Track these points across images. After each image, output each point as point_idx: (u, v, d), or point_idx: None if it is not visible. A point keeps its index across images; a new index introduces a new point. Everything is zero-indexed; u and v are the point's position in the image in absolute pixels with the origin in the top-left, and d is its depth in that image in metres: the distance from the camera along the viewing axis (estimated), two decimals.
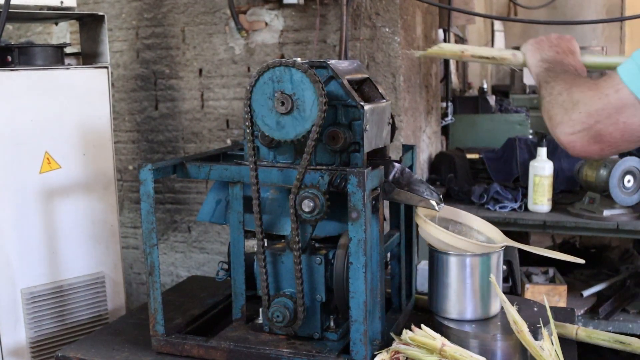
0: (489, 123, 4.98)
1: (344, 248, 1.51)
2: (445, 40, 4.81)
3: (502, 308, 1.63)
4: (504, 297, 1.52)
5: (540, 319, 1.52)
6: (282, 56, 3.19)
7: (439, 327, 1.57)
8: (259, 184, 1.51)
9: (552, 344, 1.46)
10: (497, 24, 7.58)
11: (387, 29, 3.01)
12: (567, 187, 3.54)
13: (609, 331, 2.08)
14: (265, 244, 1.57)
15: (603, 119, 1.09)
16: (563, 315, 1.82)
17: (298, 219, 1.46)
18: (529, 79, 6.16)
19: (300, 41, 3.13)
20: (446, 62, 4.81)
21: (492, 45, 7.12)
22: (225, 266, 1.76)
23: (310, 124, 1.41)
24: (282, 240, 1.62)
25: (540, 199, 3.20)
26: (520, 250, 1.76)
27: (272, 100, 1.43)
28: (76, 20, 2.55)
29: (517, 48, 1.48)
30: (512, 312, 1.48)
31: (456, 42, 5.77)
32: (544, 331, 1.48)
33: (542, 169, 3.16)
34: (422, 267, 2.22)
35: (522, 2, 6.01)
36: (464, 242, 1.56)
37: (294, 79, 1.41)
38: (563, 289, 3.18)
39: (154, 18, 3.38)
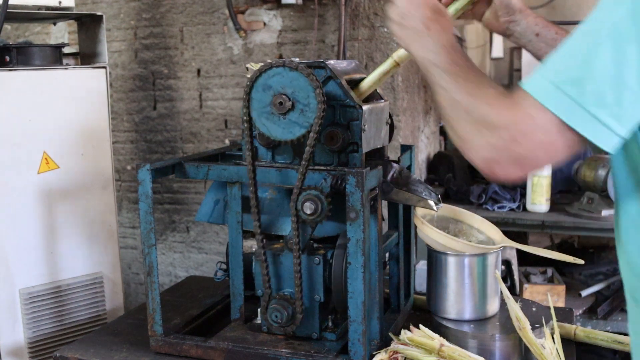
0: None
1: (343, 248, 1.51)
2: None
3: (500, 308, 1.63)
4: (507, 293, 1.52)
5: (543, 318, 1.53)
6: (281, 56, 3.19)
7: (438, 327, 1.57)
8: (257, 184, 1.51)
9: (554, 342, 1.45)
10: None
11: (385, 29, 3.01)
12: (566, 187, 3.54)
13: (608, 331, 2.08)
14: (265, 245, 1.57)
15: (527, 142, 0.98)
16: (561, 315, 1.82)
17: (299, 220, 1.46)
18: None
19: (298, 41, 3.13)
20: None
21: (490, 45, 7.13)
22: (224, 266, 1.76)
23: (309, 125, 1.41)
24: (281, 241, 1.61)
25: (539, 199, 3.20)
26: (519, 250, 1.76)
27: (271, 101, 1.43)
28: (74, 20, 2.55)
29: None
30: (515, 308, 1.48)
31: None
32: (546, 329, 1.48)
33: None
34: (421, 267, 2.22)
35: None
36: (462, 244, 1.56)
37: (292, 80, 1.41)
38: (561, 288, 3.18)
39: (153, 18, 3.37)
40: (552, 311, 1.52)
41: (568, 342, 1.66)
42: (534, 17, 1.49)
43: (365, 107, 1.50)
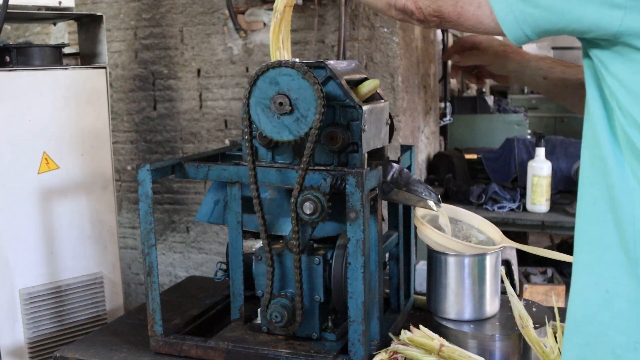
0: (488, 123, 4.99)
1: (343, 248, 1.51)
2: (443, 41, 4.81)
3: (500, 308, 1.63)
4: (512, 290, 1.52)
5: (545, 317, 1.53)
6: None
7: (438, 328, 1.57)
8: (258, 184, 1.51)
9: (556, 341, 1.45)
10: None
11: (385, 29, 3.01)
12: (565, 187, 3.55)
13: None
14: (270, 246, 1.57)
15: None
16: (562, 315, 1.81)
17: (299, 221, 1.46)
18: None
19: (298, 41, 3.13)
20: (444, 63, 4.81)
21: None
22: (224, 266, 1.76)
23: (308, 126, 1.41)
24: (281, 241, 1.61)
25: (539, 199, 3.20)
26: (519, 251, 1.76)
27: (271, 101, 1.43)
28: (74, 21, 2.55)
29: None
30: (519, 307, 1.48)
31: (454, 42, 5.77)
32: (548, 328, 1.48)
33: (540, 169, 3.17)
34: (421, 267, 2.22)
35: None
36: (461, 245, 1.56)
37: (292, 80, 1.41)
38: (561, 289, 3.18)
39: (152, 18, 3.38)
40: (556, 310, 1.52)
41: None
42: (536, 61, 1.48)
43: (365, 107, 1.50)
